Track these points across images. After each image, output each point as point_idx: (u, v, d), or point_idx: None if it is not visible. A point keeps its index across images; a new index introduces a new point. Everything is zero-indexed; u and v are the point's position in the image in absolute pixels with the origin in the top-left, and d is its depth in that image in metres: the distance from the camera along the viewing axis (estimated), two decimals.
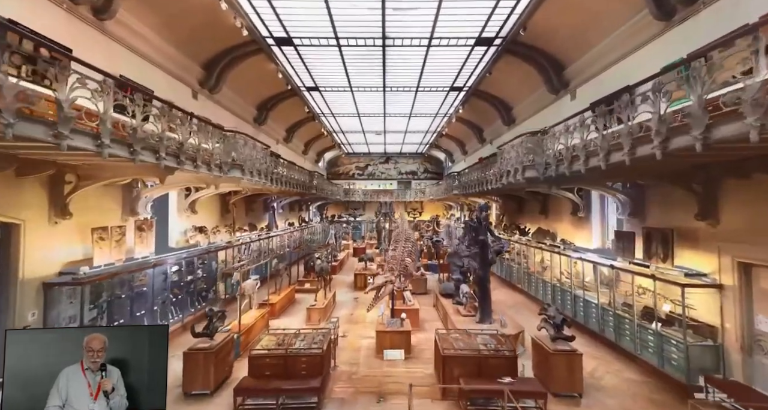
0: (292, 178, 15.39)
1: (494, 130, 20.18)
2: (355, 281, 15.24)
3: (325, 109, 21.28)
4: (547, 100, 13.36)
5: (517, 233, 15.72)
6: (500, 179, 11.35)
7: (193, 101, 11.67)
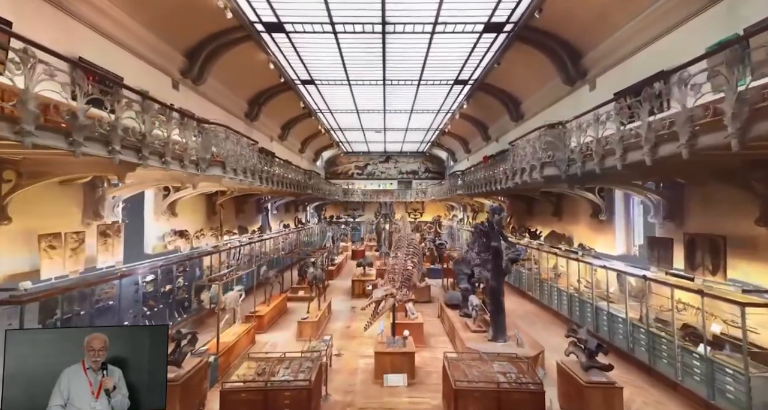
0: (285, 177, 14.30)
1: (500, 126, 19.11)
2: (353, 288, 14.16)
3: (322, 105, 20.20)
4: (562, 92, 12.28)
5: (527, 236, 14.64)
6: (512, 178, 10.28)
7: (173, 92, 10.60)
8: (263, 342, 9.38)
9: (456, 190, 19.22)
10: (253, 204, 17.05)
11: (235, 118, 15.32)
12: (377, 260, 19.63)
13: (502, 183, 11.95)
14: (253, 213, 17.32)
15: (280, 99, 17.38)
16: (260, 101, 16.40)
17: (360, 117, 22.89)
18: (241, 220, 15.37)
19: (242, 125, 16.09)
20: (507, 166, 11.31)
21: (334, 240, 22.07)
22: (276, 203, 20.45)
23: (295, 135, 23.52)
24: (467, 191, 17.45)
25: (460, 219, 28.02)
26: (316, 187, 20.24)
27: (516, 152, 9.87)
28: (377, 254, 21.47)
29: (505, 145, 18.79)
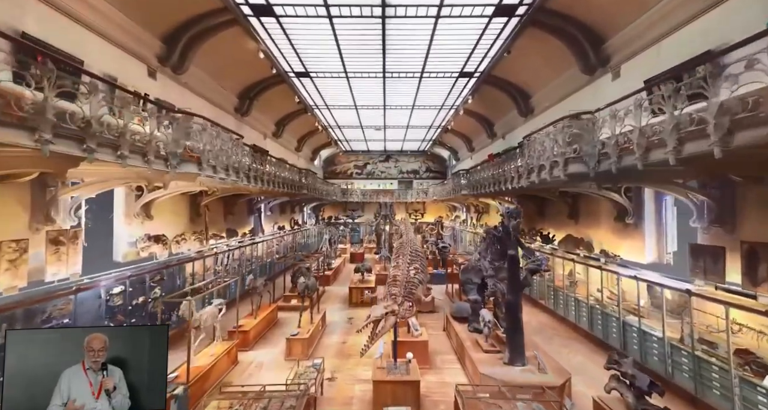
0: (276, 175, 13.21)
1: (507, 122, 18.02)
2: (350, 296, 13.08)
3: (318, 100, 19.12)
4: (579, 83, 11.20)
5: (538, 240, 13.56)
6: (527, 176, 9.20)
7: (149, 81, 9.52)
8: (247, 361, 8.30)
9: (460, 189, 18.16)
10: (244, 205, 15.97)
11: (223, 112, 14.24)
12: (377, 264, 18.57)
13: (513, 182, 10.88)
14: (244, 215, 16.24)
15: (273, 93, 16.30)
16: (251, 95, 15.32)
17: (359, 113, 21.82)
18: (230, 222, 14.29)
19: (232, 121, 15.02)
20: (520, 164, 10.25)
21: (332, 242, 21.00)
22: (270, 204, 19.38)
23: (290, 132, 22.44)
24: (472, 191, 16.38)
25: (463, 221, 26.94)
26: (312, 186, 19.16)
27: (532, 148, 8.79)
28: (377, 257, 20.43)
29: (512, 142, 17.73)
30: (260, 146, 17.69)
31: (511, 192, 12.07)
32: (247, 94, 15.20)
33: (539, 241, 13.65)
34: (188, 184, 8.66)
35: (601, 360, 8.51)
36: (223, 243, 13.02)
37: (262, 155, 12.92)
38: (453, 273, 15.25)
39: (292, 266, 14.90)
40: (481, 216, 22.88)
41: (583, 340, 9.42)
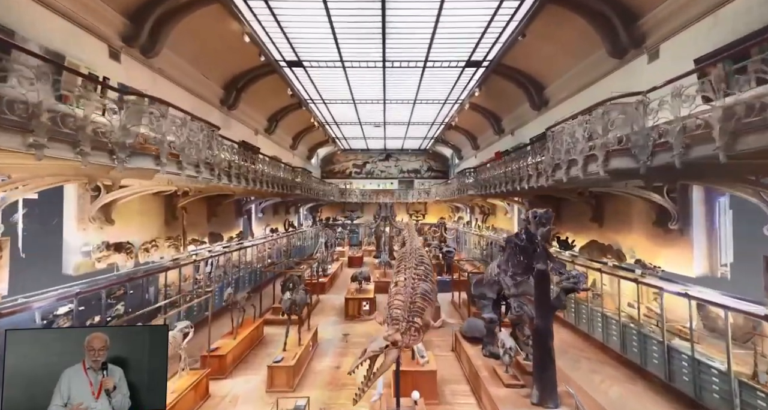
0: (264, 174, 11.89)
1: (517, 117, 16.70)
2: (346, 308, 11.76)
3: (314, 93, 17.80)
4: (605, 67, 9.89)
5: (554, 245, 12.26)
6: (552, 174, 7.89)
7: (111, 63, 8.20)
8: (222, 393, 6.99)
9: (466, 189, 16.85)
10: (231, 206, 14.65)
11: (207, 104, 12.93)
12: (376, 269, 17.26)
13: (530, 181, 9.58)
14: (231, 217, 14.92)
15: (264, 85, 14.98)
16: (238, 86, 13.99)
17: (357, 109, 20.50)
18: (214, 226, 12.97)
19: (217, 114, 13.71)
20: (540, 159, 8.95)
21: (328, 246, 19.69)
22: (261, 205, 18.06)
23: (284, 129, 21.13)
24: (480, 191, 15.06)
25: (467, 222, 25.64)
26: (306, 186, 17.83)
27: (559, 140, 7.45)
28: (376, 262, 19.13)
29: (522, 138, 16.41)
30: (250, 143, 16.39)
31: (527, 192, 10.75)
32: (234, 84, 13.88)
33: (556, 247, 12.34)
34: (155, 183, 7.37)
35: (643, 392, 7.26)
36: (205, 249, 11.70)
37: (249, 151, 11.62)
38: (460, 281, 13.97)
39: (283, 273, 13.62)
40: (487, 218, 21.57)
41: (615, 364, 8.10)
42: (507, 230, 18.39)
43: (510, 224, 18.08)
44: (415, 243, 8.13)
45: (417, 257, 7.08)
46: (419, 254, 7.16)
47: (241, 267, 13.91)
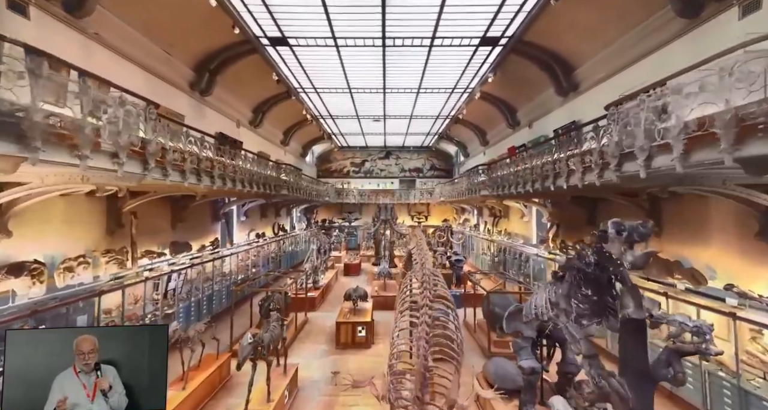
0: (234, 170, 9.75)
1: (537, 106, 14.55)
2: (338, 334, 9.61)
3: (303, 80, 15.65)
4: (669, 32, 7.75)
5: None
6: (615, 168, 5.75)
7: (12, 15, 6.04)
8: None
9: (478, 190, 14.71)
10: (205, 209, 12.52)
11: (171, 87, 10.80)
12: (374, 281, 15.14)
13: (572, 178, 7.45)
14: (206, 222, 12.77)
15: (244, 67, 12.86)
16: (211, 67, 11.85)
17: (354, 99, 18.36)
18: (180, 233, 10.82)
19: (185, 100, 11.58)
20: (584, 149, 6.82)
21: (322, 252, 17.57)
22: (245, 207, 15.93)
23: (273, 122, 18.98)
24: (496, 191, 12.91)
25: (474, 226, 23.49)
26: (295, 185, 15.68)
27: (632, 120, 5.28)
28: (375, 271, 17.02)
29: (542, 130, 14.28)
30: (230, 136, 14.25)
31: (565, 192, 8.59)
32: (206, 65, 11.73)
33: None
34: (65, 181, 5.25)
35: None
36: (164, 262, 9.57)
37: (227, 145, 9.49)
38: (472, 296, 11.86)
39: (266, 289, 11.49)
40: (498, 221, 19.41)
41: None
42: (523, 236, 16.24)
43: (527, 229, 15.93)
44: (427, 264, 5.88)
45: (431, 286, 4.92)
46: (434, 281, 5.00)
47: (217, 280, 11.80)
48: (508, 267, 16.23)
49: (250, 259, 15.35)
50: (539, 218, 14.67)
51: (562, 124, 12.34)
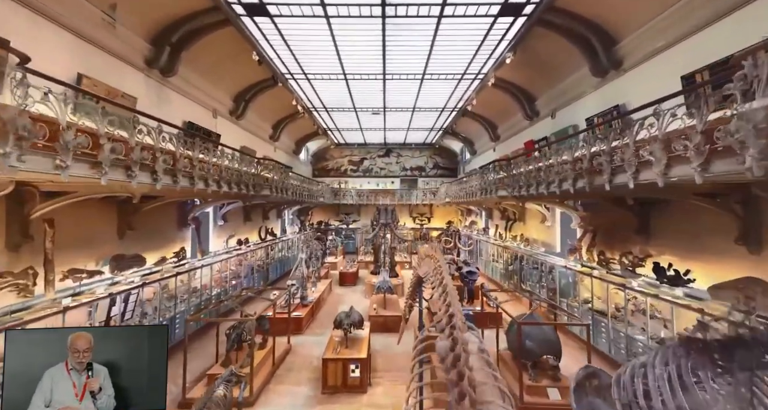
0: (192, 164, 7.63)
1: (563, 91, 12.42)
2: (325, 374, 7.48)
3: (291, 63, 13.54)
4: None
5: (640, 271, 8.05)
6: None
7: None
8: None
9: (492, 190, 12.59)
10: (168, 212, 10.41)
11: (119, 61, 8.69)
12: (372, 295, 13.03)
13: (643, 173, 5.36)
14: (168, 228, 10.65)
15: (217, 43, 10.77)
16: (173, 39, 9.74)
17: (350, 87, 16.24)
18: (130, 244, 8.71)
19: (141, 79, 9.48)
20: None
21: (314, 259, 15.46)
22: (223, 209, 13.83)
23: (259, 113, 16.89)
24: (517, 191, 10.80)
25: (483, 229, 21.35)
26: (280, 185, 13.57)
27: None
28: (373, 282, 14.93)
29: (569, 120, 12.17)
30: (202, 126, 12.14)
31: (629, 191, 6.49)
32: (166, 36, 9.62)
33: (643, 276, 8.11)
34: None
35: None
36: (103, 283, 7.46)
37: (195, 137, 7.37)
38: (489, 315, 9.85)
39: (227, 314, 9.31)
40: (512, 225, 17.29)
41: None
42: (544, 243, 14.13)
43: (549, 235, 13.82)
44: (456, 305, 3.47)
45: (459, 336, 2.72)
46: (478, 346, 2.83)
47: (183, 298, 9.70)
48: (525, 278, 14.17)
49: (229, 270, 13.28)
50: (565, 223, 12.56)
51: (598, 111, 10.25)
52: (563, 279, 11.41)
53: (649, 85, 8.46)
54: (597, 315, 9.04)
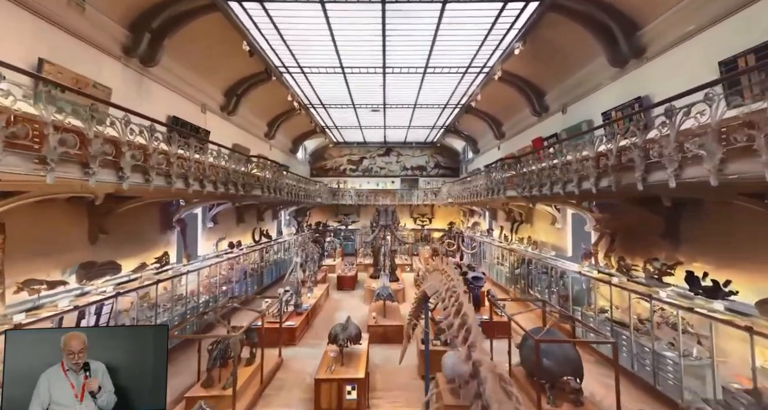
0: (168, 160, 6.81)
1: (575, 85, 11.59)
2: (317, 396, 6.65)
3: (286, 56, 12.72)
4: None
5: (663, 282, 7.24)
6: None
7: None
8: None
9: (501, 190, 11.76)
10: (149, 213, 9.59)
11: (94, 48, 7.88)
12: (372, 301, 12.18)
13: (691, 170, 4.55)
14: (150, 231, 9.82)
15: (202, 30, 9.95)
16: (153, 25, 8.90)
17: (348, 82, 15.42)
18: (104, 249, 7.88)
19: (119, 69, 8.67)
20: None
21: (312, 262, 14.65)
22: (213, 210, 13.01)
23: (253, 109, 16.07)
24: (527, 192, 9.98)
25: (487, 230, 20.51)
26: (272, 184, 12.75)
27: None
28: (373, 289, 14.15)
29: (582, 115, 11.36)
30: (188, 121, 11.34)
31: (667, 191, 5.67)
32: (147, 22, 8.78)
33: (672, 285, 7.29)
34: None
35: None
36: (68, 295, 6.64)
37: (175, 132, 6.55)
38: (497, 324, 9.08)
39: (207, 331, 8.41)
40: (518, 227, 16.47)
41: None
42: (554, 246, 13.31)
43: (559, 238, 13.00)
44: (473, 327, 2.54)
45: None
46: None
47: (166, 307, 8.89)
48: (533, 283, 13.36)
49: (220, 275, 12.48)
50: (578, 225, 11.74)
51: (616, 104, 9.42)
52: (576, 286, 10.61)
53: (677, 74, 7.64)
54: (616, 326, 8.23)
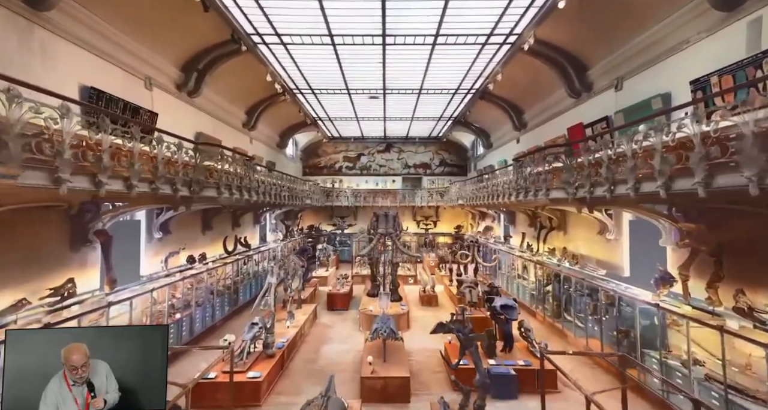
0: (85, 150, 3.87)
1: (640, 48, 8.65)
2: None
3: (258, 19, 9.83)
4: None
5: (732, 317, 4.33)
6: None
7: None
8: None
9: (540, 189, 8.87)
10: (45, 224, 6.66)
11: None
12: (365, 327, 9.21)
13: None
14: (48, 250, 6.85)
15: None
16: None
17: (339, 57, 12.52)
18: None
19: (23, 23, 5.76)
20: None
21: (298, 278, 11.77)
22: (162, 216, 10.10)
23: (224, 92, 13.18)
24: (587, 192, 7.10)
25: (505, 237, 17.57)
26: (247, 184, 9.84)
27: None
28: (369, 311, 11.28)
29: (648, 91, 8.46)
30: (122, 97, 8.45)
31: None
32: None
33: (734, 319, 4.38)
34: None
35: None
36: None
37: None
38: (538, 373, 6.19)
39: None
40: (547, 235, 13.55)
41: None
42: (603, 262, 10.40)
43: (612, 253, 10.08)
44: None
45: None
46: None
47: None
48: (569, 305, 10.55)
49: (175, 300, 9.62)
50: (639, 236, 8.85)
51: (720, 65, 6.51)
52: (644, 320, 7.77)
53: None
54: (731, 392, 5.38)
